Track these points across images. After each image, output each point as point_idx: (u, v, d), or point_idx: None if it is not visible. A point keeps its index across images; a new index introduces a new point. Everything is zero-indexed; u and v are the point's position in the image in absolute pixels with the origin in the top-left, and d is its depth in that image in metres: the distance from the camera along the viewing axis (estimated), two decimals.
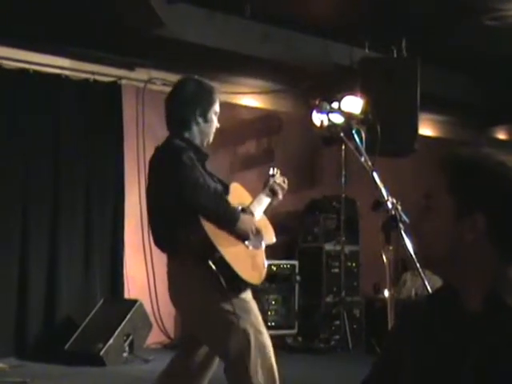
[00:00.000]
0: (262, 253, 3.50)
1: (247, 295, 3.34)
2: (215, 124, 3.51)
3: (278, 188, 3.64)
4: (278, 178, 3.69)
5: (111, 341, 6.05)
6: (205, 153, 3.48)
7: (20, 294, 6.43)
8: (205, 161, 3.47)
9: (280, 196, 3.65)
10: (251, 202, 3.54)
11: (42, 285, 6.56)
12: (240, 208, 3.41)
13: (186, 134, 3.41)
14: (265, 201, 3.61)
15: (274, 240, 3.62)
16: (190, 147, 3.34)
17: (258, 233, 3.45)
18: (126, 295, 7.03)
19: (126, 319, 6.25)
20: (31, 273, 6.49)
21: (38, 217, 6.59)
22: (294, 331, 7.43)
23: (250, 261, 3.38)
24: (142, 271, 7.25)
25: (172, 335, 7.38)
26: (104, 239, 6.99)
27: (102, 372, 5.83)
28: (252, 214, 3.46)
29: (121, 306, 6.56)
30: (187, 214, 3.19)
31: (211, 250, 3.16)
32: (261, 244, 3.49)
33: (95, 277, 6.86)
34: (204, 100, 3.44)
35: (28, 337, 6.40)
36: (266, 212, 3.62)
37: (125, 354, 6.19)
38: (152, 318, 6.88)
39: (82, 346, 6.12)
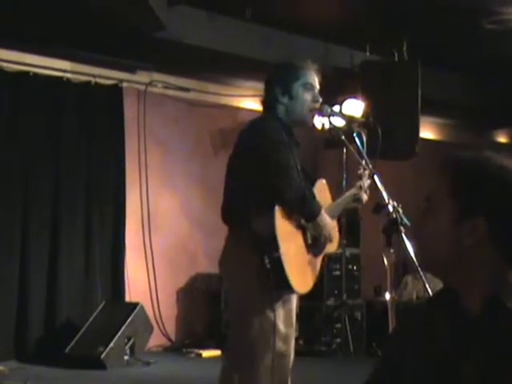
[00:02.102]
0: (318, 261, 3.36)
1: (292, 302, 3.24)
2: (307, 98, 3.30)
3: (363, 196, 3.43)
4: (366, 182, 3.49)
5: (112, 344, 6.04)
6: (295, 138, 3.32)
7: (20, 296, 6.42)
8: (294, 146, 3.29)
9: (364, 201, 3.47)
10: (330, 205, 3.40)
11: (42, 287, 6.55)
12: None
13: (278, 115, 3.28)
14: (344, 205, 3.48)
15: (335, 249, 3.49)
16: (283, 128, 3.23)
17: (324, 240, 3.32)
18: (127, 298, 7.02)
19: (127, 322, 6.24)
20: (32, 275, 6.48)
21: (39, 219, 6.58)
22: (296, 334, 7.40)
23: (304, 267, 3.25)
24: (143, 274, 7.25)
25: (173, 338, 7.38)
26: (105, 242, 6.99)
27: (102, 375, 5.82)
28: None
29: (122, 308, 6.55)
30: (264, 200, 3.07)
31: (272, 247, 3.04)
32: (321, 252, 3.36)
33: (96, 279, 6.85)
34: (283, 77, 3.31)
35: (28, 340, 6.39)
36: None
37: (126, 357, 6.18)
38: (153, 321, 6.88)
39: (82, 349, 6.11)
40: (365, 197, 3.47)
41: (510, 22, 6.44)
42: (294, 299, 3.28)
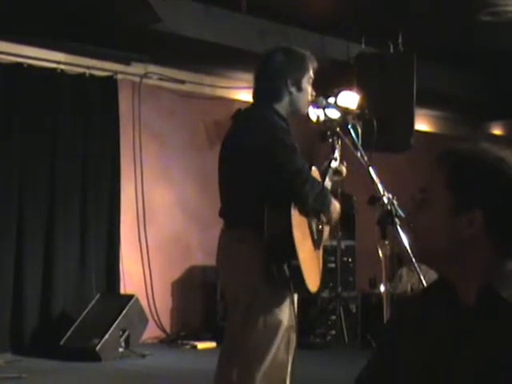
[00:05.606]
0: (320, 254, 3.29)
1: (295, 298, 3.15)
2: (309, 93, 3.26)
3: (341, 167, 3.48)
4: (337, 153, 3.50)
5: (107, 336, 6.04)
6: (289, 128, 3.22)
7: (16, 288, 6.42)
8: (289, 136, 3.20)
9: (343, 172, 3.48)
10: None
11: (37, 280, 6.54)
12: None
13: (276, 106, 3.19)
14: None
15: (328, 238, 3.43)
16: (282, 120, 3.15)
17: (321, 231, 3.24)
18: (122, 290, 7.03)
19: (122, 314, 6.25)
20: (27, 268, 6.48)
21: (35, 212, 6.57)
22: None
23: (314, 266, 3.18)
24: (138, 266, 7.25)
25: (168, 330, 7.39)
26: (100, 234, 6.98)
27: (97, 367, 5.83)
28: None
29: (117, 301, 6.55)
30: (278, 203, 2.96)
31: (290, 255, 2.93)
32: (320, 243, 3.28)
33: (91, 272, 6.85)
34: (295, 68, 3.22)
35: (24, 332, 6.39)
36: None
37: (121, 349, 6.18)
38: (148, 313, 6.88)
39: (77, 341, 6.11)
40: (343, 168, 3.51)
41: (506, 13, 6.44)
42: (296, 295, 3.23)
